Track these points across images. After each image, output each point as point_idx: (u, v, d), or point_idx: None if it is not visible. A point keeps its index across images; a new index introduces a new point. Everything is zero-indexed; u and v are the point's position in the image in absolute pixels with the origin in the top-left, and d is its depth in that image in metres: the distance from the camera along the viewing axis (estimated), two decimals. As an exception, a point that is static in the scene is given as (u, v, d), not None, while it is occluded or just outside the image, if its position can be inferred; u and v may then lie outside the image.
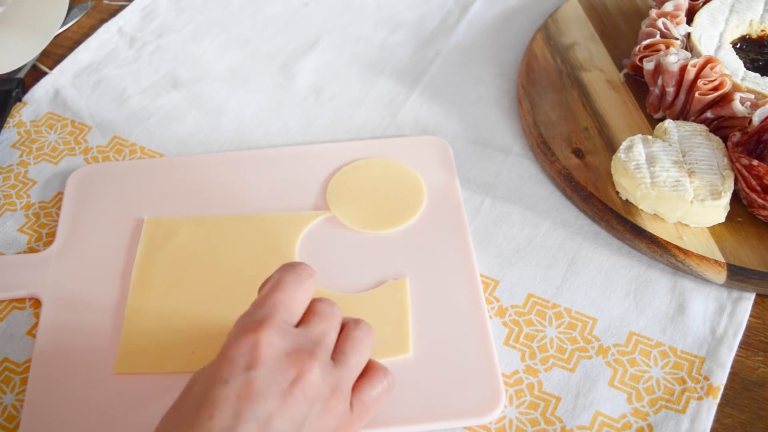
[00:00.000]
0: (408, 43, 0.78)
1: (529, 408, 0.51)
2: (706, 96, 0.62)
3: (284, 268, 0.47)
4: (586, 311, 0.56)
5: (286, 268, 0.47)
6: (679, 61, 0.63)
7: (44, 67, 0.76)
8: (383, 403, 0.47)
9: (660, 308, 0.56)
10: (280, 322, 0.43)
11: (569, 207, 0.62)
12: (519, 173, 0.65)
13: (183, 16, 0.81)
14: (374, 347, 0.52)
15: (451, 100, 0.71)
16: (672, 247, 0.57)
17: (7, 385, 0.53)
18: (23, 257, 0.59)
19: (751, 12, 0.70)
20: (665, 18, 0.68)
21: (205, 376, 0.42)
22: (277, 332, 0.42)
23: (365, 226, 0.60)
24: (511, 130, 0.69)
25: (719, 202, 0.57)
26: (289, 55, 0.77)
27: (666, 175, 0.58)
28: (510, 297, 0.57)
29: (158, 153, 0.68)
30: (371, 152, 0.65)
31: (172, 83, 0.74)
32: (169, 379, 0.52)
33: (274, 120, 0.70)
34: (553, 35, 0.74)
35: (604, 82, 0.70)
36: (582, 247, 0.60)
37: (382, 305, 0.55)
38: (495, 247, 0.60)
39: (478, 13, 0.80)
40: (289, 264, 0.47)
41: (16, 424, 0.51)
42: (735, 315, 0.55)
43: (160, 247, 0.59)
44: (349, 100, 0.72)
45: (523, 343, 0.54)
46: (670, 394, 0.52)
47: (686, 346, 0.54)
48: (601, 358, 0.53)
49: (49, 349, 0.53)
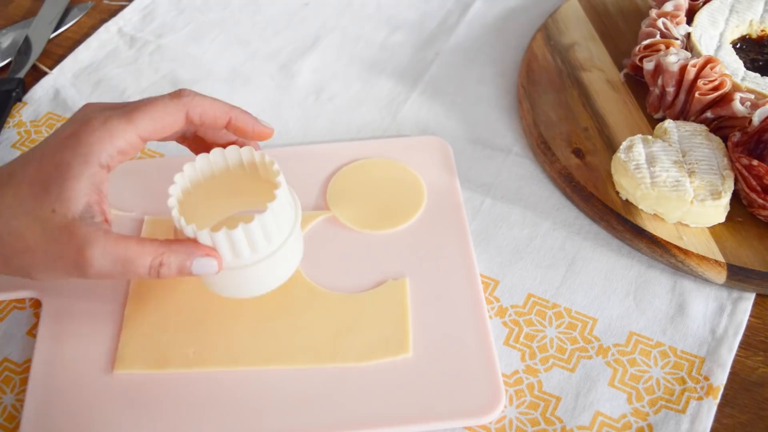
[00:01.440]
0: (408, 43, 0.78)
1: (529, 408, 0.51)
2: (706, 96, 0.62)
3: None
4: (586, 311, 0.56)
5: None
6: (679, 61, 0.63)
7: (44, 67, 0.76)
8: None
9: (660, 308, 0.56)
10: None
11: (569, 207, 0.62)
12: (519, 173, 0.65)
13: (183, 16, 0.81)
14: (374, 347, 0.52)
15: (451, 100, 0.71)
16: (672, 247, 0.57)
17: (7, 385, 0.53)
18: (23, 257, 0.59)
19: (751, 12, 0.70)
20: (665, 18, 0.68)
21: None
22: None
23: (365, 226, 0.60)
24: (511, 130, 0.69)
25: (719, 202, 0.57)
26: (289, 55, 0.77)
27: (666, 175, 0.58)
28: (510, 297, 0.57)
29: (158, 153, 0.68)
30: (371, 152, 0.65)
31: (172, 83, 0.74)
32: (168, 379, 0.52)
33: (274, 120, 0.70)
34: (553, 35, 0.74)
35: (604, 82, 0.70)
36: (582, 247, 0.60)
37: (382, 305, 0.55)
38: (495, 247, 0.60)
39: (478, 13, 0.80)
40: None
41: (16, 424, 0.51)
42: (735, 315, 0.55)
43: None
44: (349, 100, 0.72)
45: (523, 343, 0.54)
46: (670, 394, 0.52)
47: (686, 346, 0.54)
48: (601, 358, 0.53)
49: (49, 349, 0.53)
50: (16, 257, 0.46)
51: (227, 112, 0.51)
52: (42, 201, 0.45)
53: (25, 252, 0.46)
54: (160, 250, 0.46)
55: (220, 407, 0.50)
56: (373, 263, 0.58)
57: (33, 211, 0.45)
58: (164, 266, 0.46)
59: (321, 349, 0.53)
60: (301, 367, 0.52)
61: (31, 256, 0.46)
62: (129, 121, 0.47)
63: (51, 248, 0.45)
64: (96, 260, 0.45)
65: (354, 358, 0.52)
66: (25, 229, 0.45)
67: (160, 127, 0.48)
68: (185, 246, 0.47)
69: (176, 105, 0.49)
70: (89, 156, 0.46)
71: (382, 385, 0.51)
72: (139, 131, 0.47)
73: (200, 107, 0.49)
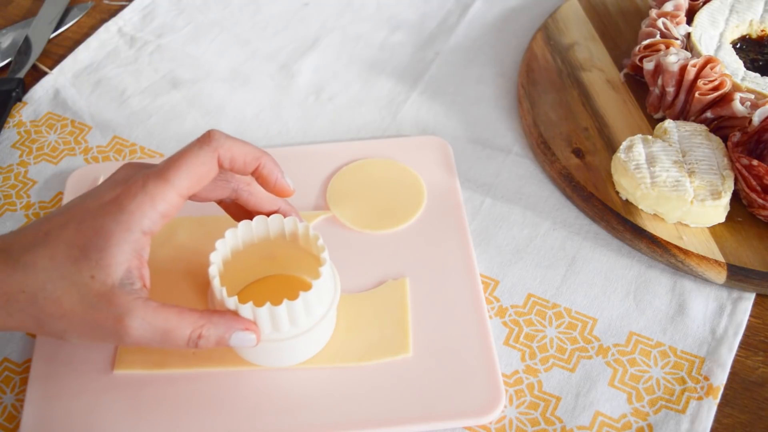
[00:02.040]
0: (408, 43, 0.78)
1: (529, 408, 0.51)
2: (706, 96, 0.62)
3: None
4: (586, 311, 0.56)
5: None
6: (679, 61, 0.63)
7: (44, 67, 0.76)
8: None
9: (660, 308, 0.56)
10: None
11: (569, 207, 0.62)
12: (519, 173, 0.65)
13: (183, 16, 0.81)
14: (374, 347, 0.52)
15: (451, 100, 0.71)
16: (672, 247, 0.57)
17: (7, 385, 0.53)
18: (23, 257, 0.59)
19: (751, 12, 0.70)
20: (665, 18, 0.68)
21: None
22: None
23: (365, 226, 0.60)
24: (511, 130, 0.69)
25: (719, 202, 0.57)
26: (289, 55, 0.77)
27: (666, 175, 0.58)
28: (510, 297, 0.57)
29: (158, 153, 0.68)
30: (371, 152, 0.65)
31: (172, 83, 0.74)
32: (168, 378, 0.52)
33: (274, 120, 0.70)
34: (553, 35, 0.74)
35: (604, 82, 0.70)
36: (582, 247, 0.60)
37: (382, 305, 0.55)
38: (495, 247, 0.60)
39: (478, 13, 0.80)
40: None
41: (16, 424, 0.51)
42: (735, 315, 0.55)
43: (160, 247, 0.59)
44: (349, 100, 0.72)
45: (523, 343, 0.54)
46: (670, 394, 0.52)
47: (686, 346, 0.54)
48: (601, 358, 0.53)
49: (49, 349, 0.53)
50: (51, 322, 0.45)
51: (257, 158, 0.50)
52: (81, 266, 0.44)
53: (61, 318, 0.45)
54: (200, 323, 0.46)
55: (220, 407, 0.50)
56: (373, 263, 0.58)
57: (70, 276, 0.44)
58: (203, 338, 0.46)
59: (321, 349, 0.53)
60: (300, 367, 0.52)
61: (67, 322, 0.45)
62: (166, 180, 0.46)
63: (88, 315, 0.44)
64: (135, 330, 0.44)
65: (354, 358, 0.52)
66: (62, 293, 0.44)
67: (197, 179, 0.47)
68: (225, 319, 0.47)
69: (207, 152, 0.47)
70: (131, 223, 0.45)
71: (382, 385, 0.51)
72: (177, 189, 0.46)
73: (230, 151, 0.48)
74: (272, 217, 0.52)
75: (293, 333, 0.49)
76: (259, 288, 0.55)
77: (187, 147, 0.48)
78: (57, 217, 0.47)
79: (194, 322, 0.46)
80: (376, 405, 0.50)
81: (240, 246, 0.52)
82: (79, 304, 0.44)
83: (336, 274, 0.52)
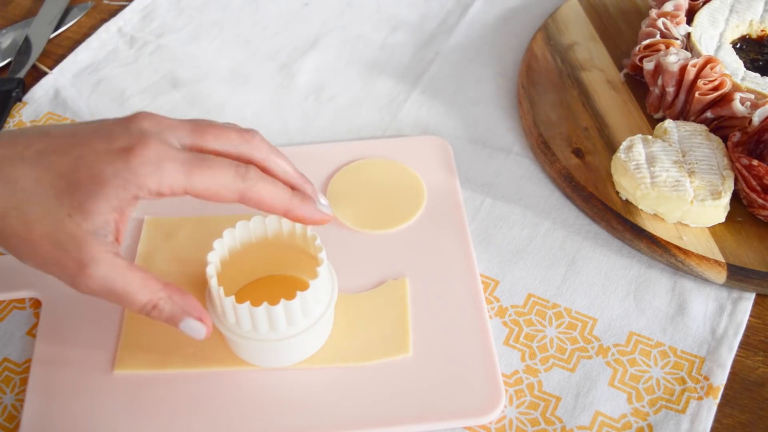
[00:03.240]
0: (408, 43, 0.78)
1: (529, 408, 0.51)
2: (706, 96, 0.62)
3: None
4: (586, 311, 0.56)
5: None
6: (679, 61, 0.63)
7: (44, 67, 0.76)
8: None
9: (660, 308, 0.56)
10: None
11: (569, 207, 0.62)
12: (519, 173, 0.65)
13: (183, 16, 0.81)
14: (374, 347, 0.52)
15: (451, 100, 0.71)
16: (672, 247, 0.57)
17: (7, 385, 0.53)
18: (23, 257, 0.59)
19: (751, 12, 0.70)
20: (665, 18, 0.68)
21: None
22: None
23: (365, 226, 0.60)
24: (511, 130, 0.69)
25: (719, 202, 0.57)
26: (289, 55, 0.77)
27: (666, 175, 0.58)
28: (510, 297, 0.57)
29: (158, 153, 0.67)
30: (371, 152, 0.65)
31: (172, 83, 0.74)
32: (168, 378, 0.52)
33: (274, 120, 0.70)
34: (553, 35, 0.74)
35: (604, 82, 0.70)
36: (582, 247, 0.60)
37: (382, 305, 0.55)
38: (495, 247, 0.60)
39: (478, 13, 0.80)
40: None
41: (16, 424, 0.51)
42: (735, 315, 0.55)
43: (160, 247, 0.59)
44: (349, 100, 0.72)
45: (523, 343, 0.54)
46: (670, 394, 0.52)
47: (686, 346, 0.54)
48: (601, 358, 0.53)
49: (49, 349, 0.53)
50: (13, 240, 0.44)
51: (286, 204, 0.48)
52: (62, 201, 0.43)
53: (25, 242, 0.44)
54: (159, 295, 0.45)
55: (220, 407, 0.50)
56: (373, 263, 0.58)
57: (48, 206, 0.43)
58: (156, 310, 0.45)
59: (321, 349, 0.53)
60: (300, 367, 0.52)
61: (30, 248, 0.44)
62: (186, 174, 0.44)
63: (54, 251, 0.43)
64: (93, 281, 0.44)
65: (354, 358, 0.52)
66: (35, 220, 0.43)
67: (211, 194, 0.46)
68: (185, 302, 0.46)
69: (235, 184, 0.46)
70: (129, 184, 0.43)
71: (382, 385, 0.51)
72: (188, 189, 0.45)
73: (258, 196, 0.46)
74: (270, 218, 0.52)
75: (290, 333, 0.49)
76: (256, 288, 0.55)
77: (223, 162, 0.46)
78: (57, 139, 0.45)
79: (154, 293, 0.45)
80: (376, 405, 0.50)
81: (238, 246, 0.52)
82: (48, 237, 0.43)
83: (334, 275, 0.52)
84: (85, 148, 0.44)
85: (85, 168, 0.43)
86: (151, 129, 0.45)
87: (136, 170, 0.43)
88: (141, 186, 0.44)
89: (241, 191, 0.46)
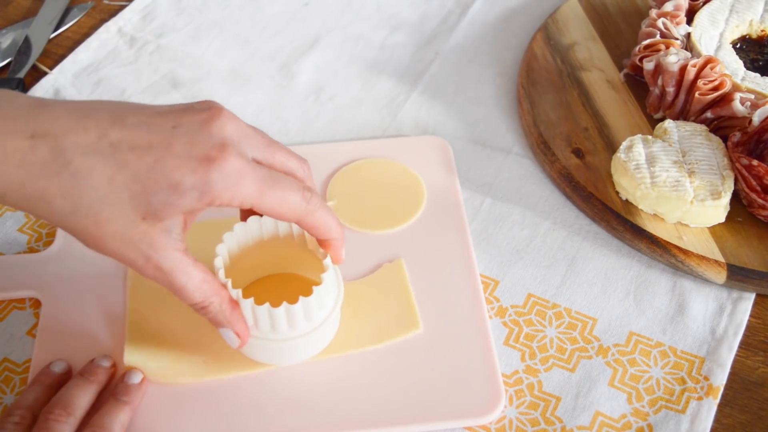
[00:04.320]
0: (408, 43, 0.78)
1: (529, 408, 0.51)
2: (706, 96, 0.62)
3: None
4: (586, 311, 0.56)
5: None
6: (679, 61, 0.63)
7: (44, 67, 0.76)
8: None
9: (660, 308, 0.56)
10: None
11: (569, 207, 0.62)
12: (519, 173, 0.65)
13: (183, 16, 0.81)
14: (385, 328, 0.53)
15: (451, 100, 0.71)
16: (672, 247, 0.57)
17: (7, 385, 0.53)
18: (23, 257, 0.59)
19: (751, 12, 0.70)
20: (665, 18, 0.68)
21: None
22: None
23: (365, 226, 0.60)
24: (511, 130, 0.69)
25: (719, 202, 0.57)
26: (289, 55, 0.77)
27: (666, 175, 0.58)
28: (510, 297, 0.57)
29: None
30: (371, 152, 0.65)
31: (172, 83, 0.74)
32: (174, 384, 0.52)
33: (274, 120, 0.70)
34: (553, 35, 0.74)
35: (604, 82, 0.70)
36: (582, 247, 0.60)
37: (383, 287, 0.56)
38: (495, 247, 0.60)
39: (478, 13, 0.80)
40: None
41: (16, 424, 0.51)
42: (735, 315, 0.56)
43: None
44: (349, 100, 0.72)
45: (523, 343, 0.54)
46: (670, 394, 0.52)
47: (686, 346, 0.54)
48: (601, 358, 0.53)
49: (49, 349, 0.53)
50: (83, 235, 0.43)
51: (338, 235, 0.49)
52: (136, 205, 0.42)
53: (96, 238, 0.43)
54: (212, 299, 0.46)
55: (224, 407, 0.50)
56: (373, 263, 0.58)
57: (122, 207, 0.42)
58: (204, 311, 0.46)
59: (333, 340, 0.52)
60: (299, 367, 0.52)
61: (100, 243, 0.43)
62: (259, 193, 0.44)
63: (123, 247, 0.43)
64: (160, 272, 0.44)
65: (367, 342, 0.53)
66: (107, 218, 0.42)
67: (275, 213, 0.46)
68: (232, 314, 0.47)
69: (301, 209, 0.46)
70: (205, 196, 0.43)
71: (382, 386, 0.51)
72: (257, 205, 0.44)
73: (314, 222, 0.47)
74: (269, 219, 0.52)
75: (292, 335, 0.49)
76: (264, 285, 0.55)
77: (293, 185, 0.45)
78: (133, 131, 0.43)
79: (207, 296, 0.46)
80: (376, 405, 0.50)
81: (248, 242, 0.52)
82: (120, 235, 0.43)
83: (340, 278, 0.52)
84: (164, 150, 0.42)
85: (162, 175, 0.42)
86: (233, 137, 0.44)
87: (215, 184, 0.43)
88: (216, 198, 0.43)
89: (303, 215, 0.46)
